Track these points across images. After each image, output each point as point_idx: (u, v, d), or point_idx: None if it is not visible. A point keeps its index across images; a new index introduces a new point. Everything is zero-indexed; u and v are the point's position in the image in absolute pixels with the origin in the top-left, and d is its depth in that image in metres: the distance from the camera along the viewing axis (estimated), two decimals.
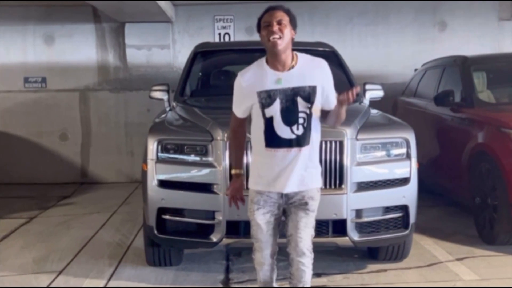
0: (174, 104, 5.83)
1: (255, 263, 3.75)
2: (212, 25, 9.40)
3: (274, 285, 3.82)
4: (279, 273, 4.16)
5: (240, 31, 9.32)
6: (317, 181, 3.65)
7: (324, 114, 3.62)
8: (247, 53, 6.70)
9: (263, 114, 3.49)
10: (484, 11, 9.51)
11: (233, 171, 3.82)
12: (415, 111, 7.76)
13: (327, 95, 3.55)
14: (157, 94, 6.11)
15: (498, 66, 7.10)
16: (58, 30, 9.36)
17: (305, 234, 3.58)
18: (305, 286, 3.64)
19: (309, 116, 3.49)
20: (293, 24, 3.55)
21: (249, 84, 3.53)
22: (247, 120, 3.69)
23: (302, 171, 3.52)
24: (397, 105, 8.59)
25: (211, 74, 6.43)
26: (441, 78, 7.31)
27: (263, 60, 3.57)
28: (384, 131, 4.93)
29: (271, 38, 3.41)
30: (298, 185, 3.54)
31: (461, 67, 6.80)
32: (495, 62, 7.28)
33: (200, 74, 6.63)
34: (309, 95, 3.46)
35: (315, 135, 3.57)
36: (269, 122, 3.49)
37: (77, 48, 9.37)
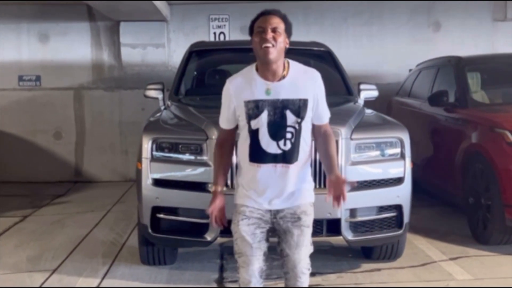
0: (168, 103, 5.83)
1: (240, 283, 3.40)
2: (207, 24, 9.41)
3: None
4: (273, 272, 4.18)
5: (235, 31, 9.32)
6: (310, 196, 3.36)
7: (314, 130, 3.36)
8: (242, 53, 6.70)
9: (249, 126, 3.21)
10: (478, 12, 9.55)
11: (212, 188, 3.39)
12: (409, 111, 7.78)
13: (318, 108, 3.28)
14: (152, 93, 6.12)
15: (492, 67, 7.14)
16: (53, 29, 9.34)
17: (303, 253, 3.31)
18: None
19: (297, 132, 3.20)
20: (288, 32, 3.26)
21: (237, 92, 3.24)
22: (235, 132, 3.40)
23: (291, 189, 3.24)
24: (391, 105, 8.61)
25: (206, 73, 6.44)
26: (436, 79, 7.33)
27: (252, 68, 3.27)
28: (378, 131, 4.94)
29: (263, 46, 3.12)
30: (287, 202, 3.26)
31: (455, 67, 6.83)
32: (489, 62, 7.32)
33: (195, 73, 6.63)
34: (299, 108, 3.19)
35: (305, 151, 3.27)
36: (254, 135, 3.22)
37: (71, 46, 9.36)
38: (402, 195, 4.77)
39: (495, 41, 9.55)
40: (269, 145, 3.20)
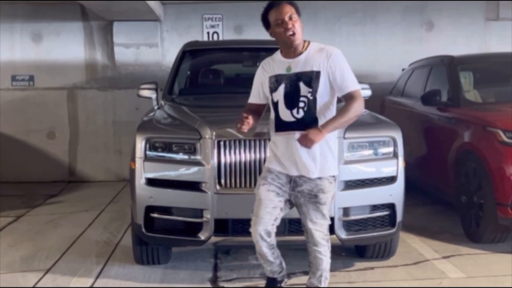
0: (162, 102, 5.83)
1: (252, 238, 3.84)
2: (200, 24, 9.40)
3: (272, 258, 3.88)
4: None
5: (228, 30, 9.32)
6: (329, 169, 3.67)
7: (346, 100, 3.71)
8: (236, 52, 6.72)
9: (272, 99, 3.68)
10: (471, 11, 9.58)
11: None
12: (402, 111, 7.80)
13: (336, 80, 3.62)
14: (145, 93, 6.11)
15: (484, 66, 7.17)
16: (46, 28, 9.32)
17: (319, 226, 3.71)
18: (323, 274, 3.83)
19: (311, 101, 3.57)
20: (299, 13, 3.71)
21: (265, 70, 3.78)
22: (259, 108, 3.88)
23: (308, 157, 3.59)
24: (384, 105, 8.63)
25: (199, 72, 6.43)
26: (428, 78, 7.36)
27: (278, 52, 3.79)
28: (371, 130, 4.95)
29: (288, 35, 3.59)
30: (304, 170, 3.62)
31: (448, 66, 6.85)
32: (482, 62, 7.34)
33: (189, 72, 6.63)
34: (310, 80, 3.57)
35: (325, 118, 3.62)
36: (276, 107, 3.67)
37: (65, 46, 9.34)
38: (395, 194, 4.79)
39: (487, 40, 9.59)
40: (285, 114, 3.62)
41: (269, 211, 3.71)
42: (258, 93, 3.86)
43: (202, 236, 4.58)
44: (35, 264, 5.29)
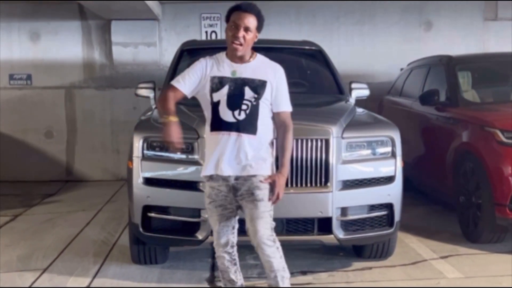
0: None
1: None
2: (199, 23, 9.39)
3: (232, 276, 3.90)
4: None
5: None
6: (262, 169, 3.66)
7: (275, 120, 3.75)
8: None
9: (211, 99, 3.66)
10: (469, 11, 9.58)
11: (162, 120, 3.71)
12: (400, 110, 7.80)
13: (276, 96, 3.70)
14: (143, 92, 6.10)
15: (482, 66, 7.17)
16: (44, 27, 9.30)
17: (259, 225, 3.61)
18: (277, 274, 3.68)
19: (254, 107, 3.62)
20: (260, 27, 3.69)
21: (208, 68, 3.70)
22: (179, 97, 3.77)
23: (243, 157, 3.60)
24: (383, 104, 8.62)
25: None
26: (427, 78, 7.35)
27: (223, 53, 3.76)
28: (369, 130, 4.95)
29: (234, 42, 3.60)
30: (239, 170, 3.62)
31: (446, 66, 6.85)
32: (480, 62, 7.35)
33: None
34: (257, 87, 3.64)
35: (264, 130, 3.67)
36: (215, 107, 3.66)
37: (63, 45, 9.32)
38: (393, 193, 4.78)
39: (486, 40, 9.59)
40: (225, 114, 3.63)
41: (224, 224, 3.78)
42: (191, 84, 3.71)
43: (199, 235, 4.57)
44: (32, 263, 5.28)
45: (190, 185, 4.59)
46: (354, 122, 4.97)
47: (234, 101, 3.63)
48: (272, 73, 3.72)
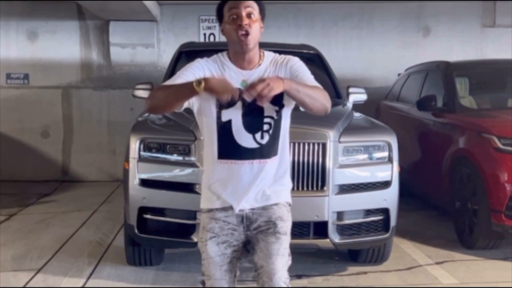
0: None
1: None
2: (197, 25, 9.39)
3: None
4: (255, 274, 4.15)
5: None
6: (283, 196, 2.91)
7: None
8: None
9: (218, 117, 2.79)
10: (467, 17, 9.60)
11: (199, 88, 2.57)
12: (397, 115, 7.80)
13: (301, 79, 2.83)
14: (140, 93, 6.09)
15: (480, 72, 7.18)
16: (42, 27, 9.29)
17: (279, 263, 2.80)
18: None
19: (277, 122, 2.81)
20: (263, 15, 2.88)
21: (212, 71, 2.83)
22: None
23: (265, 187, 2.84)
24: (380, 109, 8.63)
25: None
26: (424, 83, 7.36)
27: (224, 56, 2.90)
28: (366, 134, 4.96)
29: (240, 35, 2.75)
30: (258, 200, 2.84)
31: (444, 72, 6.86)
32: (477, 68, 7.36)
33: None
34: (277, 96, 2.65)
35: (284, 144, 2.89)
36: (225, 128, 2.79)
37: (60, 45, 9.31)
38: (389, 198, 4.79)
39: (483, 47, 9.61)
40: (243, 137, 2.79)
41: (226, 269, 2.89)
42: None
43: (195, 238, 4.56)
44: (27, 263, 5.26)
45: (186, 187, 4.58)
46: (351, 126, 4.97)
47: (254, 121, 2.77)
48: (284, 70, 2.84)
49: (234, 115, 2.78)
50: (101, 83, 9.41)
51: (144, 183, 4.67)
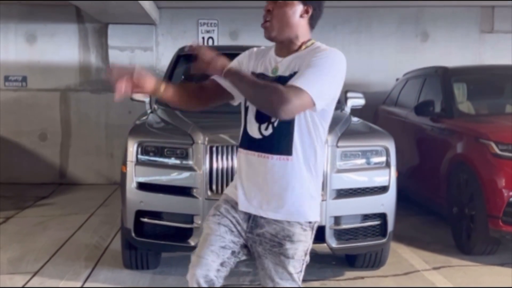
0: (155, 106, 5.81)
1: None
2: (196, 29, 9.40)
3: None
4: (252, 279, 4.16)
5: (224, 36, 9.31)
6: (304, 215, 2.56)
7: None
8: (231, 57, 6.71)
9: (244, 103, 2.68)
10: (466, 23, 9.61)
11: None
12: (395, 120, 7.81)
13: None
14: (138, 96, 6.08)
15: (478, 78, 7.19)
16: (41, 29, 9.28)
17: None
18: None
19: None
20: None
21: (253, 60, 2.75)
22: (216, 90, 2.83)
23: (272, 191, 2.55)
24: (378, 114, 8.63)
25: (193, 77, 6.41)
26: (422, 88, 7.37)
27: (274, 46, 2.75)
28: (364, 139, 4.96)
29: (261, 25, 2.63)
30: (264, 208, 2.57)
31: (442, 77, 6.87)
32: (475, 73, 7.37)
33: (183, 77, 6.61)
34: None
35: (307, 150, 2.56)
36: (245, 115, 2.67)
37: (59, 47, 9.30)
38: (386, 203, 4.79)
39: (482, 52, 9.63)
40: (252, 127, 2.62)
41: (214, 251, 2.61)
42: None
43: (192, 242, 4.55)
44: (23, 266, 5.25)
45: (184, 191, 4.58)
46: (349, 131, 4.97)
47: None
48: (307, 60, 2.55)
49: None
50: (99, 86, 9.40)
51: (142, 186, 4.66)
